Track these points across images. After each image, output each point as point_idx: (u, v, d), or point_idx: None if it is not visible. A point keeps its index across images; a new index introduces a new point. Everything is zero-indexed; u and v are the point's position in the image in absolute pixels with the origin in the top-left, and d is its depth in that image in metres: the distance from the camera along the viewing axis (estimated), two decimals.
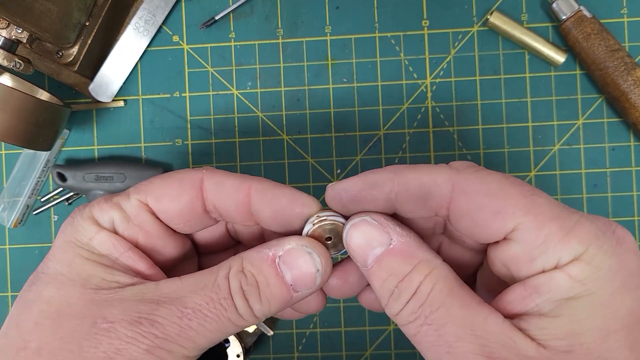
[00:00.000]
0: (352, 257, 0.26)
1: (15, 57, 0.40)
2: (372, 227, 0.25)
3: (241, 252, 0.27)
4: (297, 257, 0.26)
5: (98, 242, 0.27)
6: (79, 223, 0.27)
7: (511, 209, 0.23)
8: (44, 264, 0.27)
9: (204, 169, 0.28)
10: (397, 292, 0.24)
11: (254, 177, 0.28)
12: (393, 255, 0.25)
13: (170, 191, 0.27)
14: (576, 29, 0.45)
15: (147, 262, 0.27)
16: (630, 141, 0.47)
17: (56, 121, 0.42)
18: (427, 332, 0.23)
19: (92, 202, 0.28)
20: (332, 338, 0.48)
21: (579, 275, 0.22)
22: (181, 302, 0.25)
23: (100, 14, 0.45)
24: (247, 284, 0.25)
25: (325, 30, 0.48)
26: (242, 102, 0.49)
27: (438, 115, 0.48)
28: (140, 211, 0.27)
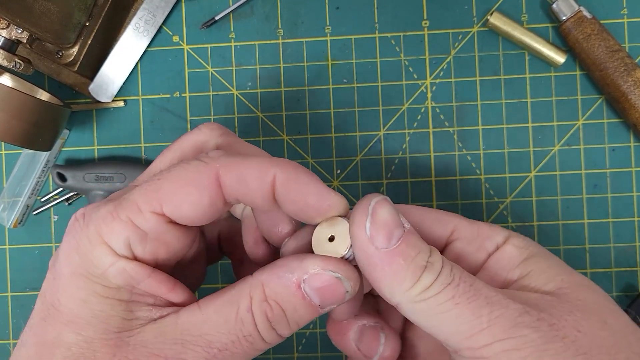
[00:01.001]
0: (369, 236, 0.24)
1: (15, 57, 0.40)
2: (392, 207, 0.24)
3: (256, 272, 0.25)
4: (324, 282, 0.24)
5: (114, 274, 0.24)
6: (89, 251, 0.24)
7: (445, 216, 0.29)
8: (53, 295, 0.25)
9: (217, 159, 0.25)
10: (430, 265, 0.24)
11: (277, 162, 0.25)
12: (414, 235, 0.24)
13: (187, 197, 0.24)
14: (576, 29, 0.45)
15: (169, 284, 0.25)
16: (630, 142, 0.47)
17: (56, 121, 0.42)
18: (465, 289, 0.23)
19: (94, 216, 0.25)
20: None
21: (520, 244, 0.27)
22: (206, 341, 0.24)
23: (100, 14, 0.45)
24: (274, 315, 0.24)
25: (326, 30, 0.48)
26: (242, 103, 0.49)
27: (438, 116, 0.48)
28: (158, 225, 0.25)
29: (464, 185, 0.47)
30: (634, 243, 0.47)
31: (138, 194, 0.25)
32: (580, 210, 0.47)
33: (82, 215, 0.26)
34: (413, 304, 0.24)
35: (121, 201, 0.25)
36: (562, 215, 0.47)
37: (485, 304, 0.23)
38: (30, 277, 0.50)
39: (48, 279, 0.26)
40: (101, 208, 0.25)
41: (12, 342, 0.50)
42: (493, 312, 0.23)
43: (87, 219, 0.25)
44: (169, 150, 0.29)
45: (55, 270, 0.26)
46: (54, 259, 0.26)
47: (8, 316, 0.50)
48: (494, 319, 0.23)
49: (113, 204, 0.25)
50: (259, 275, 0.25)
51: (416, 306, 0.24)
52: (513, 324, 0.23)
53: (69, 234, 0.25)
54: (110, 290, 0.24)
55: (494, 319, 0.23)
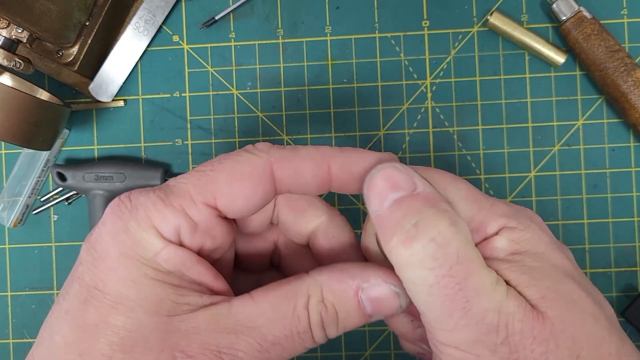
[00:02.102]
0: (366, 200, 0.24)
1: (16, 57, 0.40)
2: (399, 172, 0.24)
3: (313, 272, 0.25)
4: (383, 296, 0.25)
5: (165, 259, 0.24)
6: (138, 234, 0.24)
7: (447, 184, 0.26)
8: (96, 276, 0.23)
9: (268, 152, 0.25)
10: (414, 231, 0.22)
11: (326, 151, 0.25)
12: (418, 198, 0.23)
13: (242, 191, 0.24)
14: (576, 29, 0.45)
15: (213, 273, 0.25)
16: (630, 142, 0.47)
17: (56, 121, 0.42)
18: (448, 284, 0.22)
19: (144, 200, 0.24)
20: (331, 338, 0.48)
21: (511, 236, 0.25)
22: (260, 334, 0.24)
23: (100, 14, 0.45)
24: (328, 316, 0.24)
25: (326, 30, 0.48)
26: (242, 102, 0.49)
27: (438, 116, 0.48)
28: (209, 217, 0.24)
29: None
30: (633, 243, 0.47)
31: (191, 183, 0.24)
32: (580, 210, 0.47)
33: (128, 198, 0.25)
34: (398, 269, 0.23)
35: (172, 189, 0.24)
36: (561, 215, 0.47)
37: (462, 308, 0.22)
38: (30, 276, 0.50)
39: (85, 261, 0.24)
40: (150, 193, 0.24)
41: (12, 341, 0.50)
42: (462, 319, 0.22)
43: (134, 202, 0.24)
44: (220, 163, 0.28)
45: (97, 251, 0.24)
46: (92, 240, 0.25)
47: (8, 316, 0.50)
48: (461, 326, 0.22)
49: (164, 190, 0.24)
50: (317, 276, 0.25)
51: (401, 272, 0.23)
52: (476, 339, 0.22)
53: (114, 215, 0.24)
54: (161, 273, 0.24)
55: (460, 326, 0.22)
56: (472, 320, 0.22)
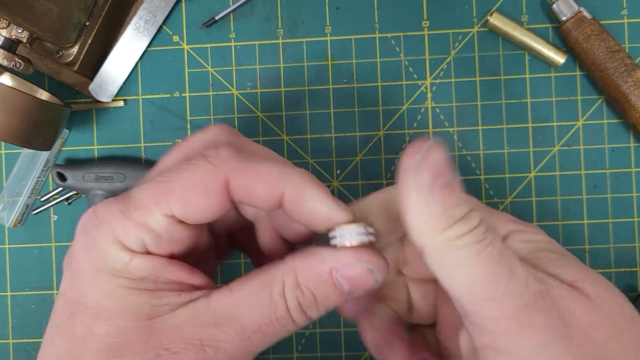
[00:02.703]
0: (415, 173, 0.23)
1: (16, 57, 0.40)
2: (445, 155, 0.24)
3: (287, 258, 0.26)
4: (356, 273, 0.25)
5: (135, 268, 0.25)
6: (106, 248, 0.25)
7: None
8: (77, 292, 0.25)
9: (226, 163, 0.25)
10: (468, 218, 0.23)
11: (287, 176, 0.25)
12: (459, 188, 0.24)
13: (197, 201, 0.25)
14: (576, 30, 0.45)
15: (188, 270, 0.26)
16: (630, 142, 0.47)
17: (56, 121, 0.42)
18: (494, 250, 0.23)
19: (107, 215, 0.25)
20: (331, 338, 0.48)
21: (526, 238, 0.26)
22: (240, 323, 0.24)
23: (100, 14, 0.45)
24: (305, 300, 0.25)
25: (326, 30, 0.48)
26: (242, 103, 0.49)
27: (438, 116, 0.48)
28: (170, 226, 0.25)
29: (463, 186, 0.47)
30: (633, 243, 0.47)
31: (148, 194, 0.25)
32: (580, 210, 0.47)
33: (93, 213, 0.26)
34: (438, 250, 0.23)
35: (132, 200, 0.25)
36: (561, 216, 0.47)
37: (507, 273, 0.23)
38: (30, 276, 0.50)
39: (66, 278, 0.26)
40: (113, 206, 0.25)
41: (12, 341, 0.50)
42: (511, 282, 0.23)
43: (99, 218, 0.25)
44: (178, 148, 0.29)
45: (73, 268, 0.26)
46: (68, 258, 0.26)
47: (8, 316, 0.50)
48: (510, 291, 0.23)
49: (124, 202, 0.25)
50: (291, 262, 0.25)
51: (440, 253, 0.24)
52: (526, 304, 0.22)
53: (82, 233, 0.26)
54: (135, 281, 0.25)
55: (510, 290, 0.22)
56: (519, 283, 0.23)
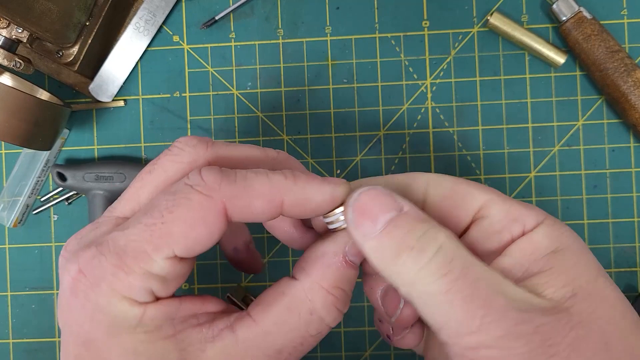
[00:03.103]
0: (354, 225, 0.24)
1: (16, 57, 0.40)
2: (382, 193, 0.24)
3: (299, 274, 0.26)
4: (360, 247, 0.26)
5: (151, 319, 0.23)
6: (113, 309, 0.23)
7: (477, 191, 0.27)
8: (96, 357, 0.23)
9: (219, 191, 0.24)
10: (420, 247, 0.23)
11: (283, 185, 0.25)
12: (409, 217, 0.24)
13: (198, 237, 0.23)
14: (576, 30, 0.45)
15: (199, 300, 0.25)
16: (630, 142, 0.47)
17: (56, 121, 0.42)
18: (463, 286, 0.22)
19: (100, 273, 0.23)
20: (331, 338, 0.48)
21: (552, 233, 0.25)
22: (276, 351, 0.24)
23: (100, 14, 0.45)
24: (339, 299, 0.25)
25: (326, 30, 0.48)
26: (242, 103, 0.49)
27: (438, 116, 0.48)
28: (174, 266, 0.24)
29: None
30: (634, 244, 0.47)
31: (145, 241, 0.23)
32: (580, 210, 0.47)
33: (82, 274, 0.24)
34: (407, 287, 0.24)
35: (125, 250, 0.23)
36: (562, 216, 0.47)
37: (482, 306, 0.22)
38: (30, 276, 0.50)
39: (76, 344, 0.24)
40: (103, 261, 0.23)
41: (12, 341, 0.50)
42: (487, 315, 0.22)
43: (92, 277, 0.23)
44: (150, 175, 0.27)
45: (81, 335, 0.24)
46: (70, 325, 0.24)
47: (8, 316, 0.50)
48: (487, 323, 0.22)
49: (117, 255, 0.23)
50: (306, 278, 0.25)
51: (410, 289, 0.24)
52: (505, 333, 0.22)
53: (76, 298, 0.24)
54: (154, 333, 0.24)
55: (486, 323, 0.22)
56: (496, 315, 0.22)
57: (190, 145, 0.27)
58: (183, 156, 0.26)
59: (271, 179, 0.24)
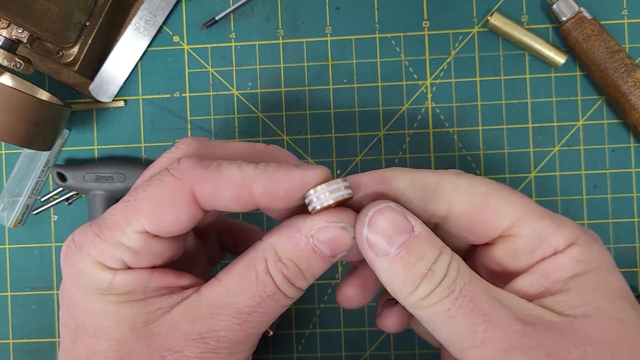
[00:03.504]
0: (367, 244, 0.25)
1: (16, 57, 0.40)
2: (397, 213, 0.25)
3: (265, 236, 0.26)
4: (331, 234, 0.25)
5: (120, 284, 0.25)
6: (88, 272, 0.25)
7: (509, 207, 0.26)
8: (74, 318, 0.26)
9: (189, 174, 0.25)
10: (431, 274, 0.24)
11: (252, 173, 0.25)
12: (420, 240, 0.24)
13: (167, 215, 0.25)
14: (576, 30, 0.45)
15: (174, 274, 0.27)
16: (630, 143, 0.47)
17: (56, 121, 0.42)
18: (463, 303, 0.23)
19: (83, 240, 0.26)
20: (331, 338, 0.48)
21: (579, 256, 0.25)
22: (234, 309, 0.25)
23: (100, 14, 0.45)
24: (290, 271, 0.25)
25: (326, 31, 0.48)
26: (242, 103, 0.49)
27: (438, 116, 0.48)
28: (146, 241, 0.25)
29: None
30: (634, 244, 0.47)
31: (119, 214, 0.26)
32: (580, 211, 0.47)
33: (72, 241, 0.26)
34: (413, 309, 0.25)
35: (105, 222, 0.26)
36: None
37: (482, 322, 0.23)
38: (30, 276, 0.50)
39: (62, 307, 0.27)
40: (88, 231, 0.26)
41: (12, 342, 0.50)
42: (488, 330, 0.23)
43: (78, 244, 0.26)
44: (149, 170, 0.29)
45: (67, 297, 0.27)
46: (61, 287, 0.27)
47: (8, 316, 0.50)
48: (488, 338, 0.23)
49: (98, 225, 0.26)
50: (268, 239, 0.26)
51: (416, 312, 0.25)
52: (507, 347, 0.23)
53: (65, 262, 0.27)
54: (123, 296, 0.25)
55: (488, 338, 0.23)
56: (497, 329, 0.23)
57: (185, 144, 0.29)
58: (177, 152, 0.28)
59: (242, 167, 0.25)
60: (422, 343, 0.47)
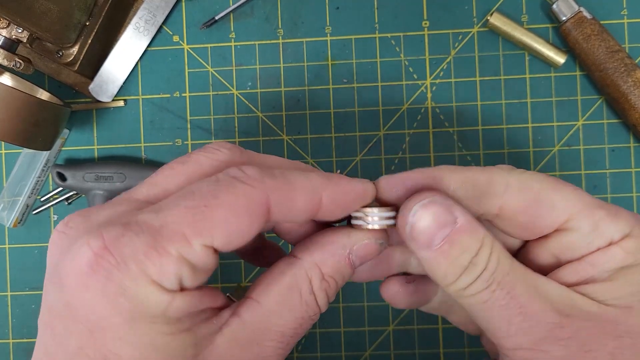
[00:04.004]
0: (412, 238, 0.25)
1: (16, 57, 0.40)
2: (440, 207, 0.24)
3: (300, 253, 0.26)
4: (370, 251, 0.26)
5: (175, 309, 0.22)
6: (140, 293, 0.21)
7: (564, 201, 0.26)
8: (105, 349, 0.21)
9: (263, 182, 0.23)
10: (472, 266, 0.24)
11: (325, 180, 0.25)
12: (463, 233, 0.24)
13: (240, 227, 0.22)
14: (576, 30, 0.45)
15: (212, 294, 0.24)
16: (630, 142, 0.47)
17: (56, 121, 0.42)
18: (500, 296, 0.24)
19: (131, 251, 0.21)
20: (331, 338, 0.48)
21: (631, 248, 0.25)
22: (278, 332, 0.24)
23: (100, 14, 0.45)
24: (330, 288, 0.26)
25: (326, 30, 0.48)
26: (242, 103, 0.49)
27: (438, 116, 0.48)
28: (207, 256, 0.22)
29: None
30: None
31: (183, 222, 0.22)
32: None
33: (108, 252, 0.21)
34: (455, 297, 0.25)
35: (161, 231, 0.21)
36: None
37: (518, 313, 0.24)
38: (30, 276, 0.50)
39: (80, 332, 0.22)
40: (136, 240, 0.21)
41: (12, 341, 0.50)
42: (524, 322, 0.24)
43: (120, 256, 0.21)
44: (183, 165, 0.25)
45: (90, 321, 0.22)
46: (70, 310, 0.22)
47: (8, 316, 0.50)
48: (523, 328, 0.24)
49: (150, 235, 0.21)
50: (308, 257, 0.25)
51: (457, 299, 0.25)
52: (541, 337, 0.23)
53: (96, 277, 0.21)
54: (174, 325, 0.22)
55: (523, 328, 0.24)
56: (531, 321, 0.23)
57: (226, 148, 0.26)
58: (219, 155, 0.26)
59: (308, 176, 0.24)
60: (422, 343, 0.47)
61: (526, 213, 0.26)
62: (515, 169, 0.27)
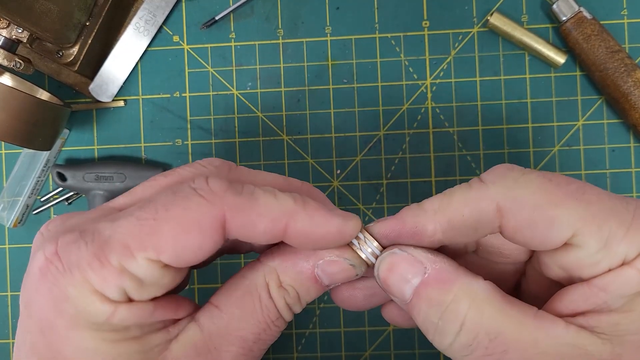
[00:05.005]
0: (390, 294, 0.24)
1: (16, 57, 0.40)
2: (403, 258, 0.23)
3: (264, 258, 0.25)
4: (337, 269, 0.25)
5: (120, 319, 0.21)
6: (82, 301, 0.21)
7: (566, 216, 0.22)
8: (51, 347, 0.22)
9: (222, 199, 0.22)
10: (442, 325, 0.22)
11: (297, 208, 0.23)
12: (430, 285, 0.23)
13: (189, 244, 0.21)
14: (576, 30, 0.45)
15: (174, 306, 0.23)
16: (630, 142, 0.47)
17: (56, 121, 0.42)
18: (482, 355, 0.22)
19: (76, 259, 0.21)
20: (331, 338, 0.48)
21: None
22: (240, 338, 0.24)
23: (100, 14, 0.45)
24: (290, 298, 0.25)
25: (326, 30, 0.48)
26: (242, 103, 0.49)
27: (438, 116, 0.48)
28: (154, 271, 0.21)
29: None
30: None
31: (129, 233, 0.21)
32: None
33: (57, 257, 0.21)
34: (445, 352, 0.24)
35: (108, 241, 0.21)
36: None
37: None
38: None
39: (33, 329, 0.22)
40: (82, 248, 0.21)
41: (12, 342, 0.50)
42: None
43: (66, 263, 0.21)
44: (165, 177, 0.25)
45: (41, 320, 0.22)
46: (30, 305, 0.22)
47: (8, 316, 0.50)
48: None
49: (98, 244, 0.21)
50: (269, 262, 0.25)
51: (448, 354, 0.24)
52: None
53: (44, 280, 0.21)
54: (119, 333, 0.22)
55: None
56: None
57: (213, 165, 0.25)
58: (203, 170, 0.25)
59: (279, 198, 0.23)
60: (422, 343, 0.47)
61: (528, 228, 0.23)
62: (512, 171, 0.24)
